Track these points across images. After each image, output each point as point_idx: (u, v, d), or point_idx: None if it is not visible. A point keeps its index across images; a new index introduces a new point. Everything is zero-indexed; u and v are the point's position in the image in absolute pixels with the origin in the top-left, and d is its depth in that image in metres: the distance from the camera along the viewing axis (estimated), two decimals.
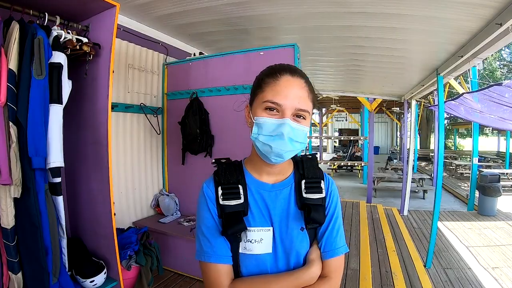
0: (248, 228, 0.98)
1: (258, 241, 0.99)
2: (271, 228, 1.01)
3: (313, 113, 1.02)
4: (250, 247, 0.99)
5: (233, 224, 0.96)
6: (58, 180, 1.96)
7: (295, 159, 1.12)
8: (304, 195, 1.03)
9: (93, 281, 2.16)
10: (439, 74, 4.29)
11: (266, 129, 0.94)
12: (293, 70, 0.97)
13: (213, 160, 1.06)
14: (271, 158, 0.95)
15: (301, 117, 0.95)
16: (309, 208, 1.00)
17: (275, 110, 0.93)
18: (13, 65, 1.69)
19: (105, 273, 2.24)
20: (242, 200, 1.00)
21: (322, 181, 1.08)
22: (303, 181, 1.06)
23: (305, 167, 1.09)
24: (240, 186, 1.02)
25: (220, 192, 1.00)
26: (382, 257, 4.75)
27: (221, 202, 0.99)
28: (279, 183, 1.06)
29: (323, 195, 1.05)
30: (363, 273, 4.04)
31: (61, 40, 1.99)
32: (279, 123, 0.92)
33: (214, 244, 1.00)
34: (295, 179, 1.08)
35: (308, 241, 1.04)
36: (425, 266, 4.50)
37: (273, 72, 0.97)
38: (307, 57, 4.75)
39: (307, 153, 1.14)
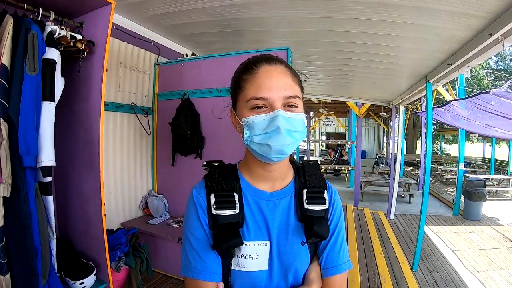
0: (243, 242, 0.87)
1: (253, 256, 0.89)
2: (268, 242, 0.91)
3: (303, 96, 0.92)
4: (244, 264, 0.88)
5: (228, 238, 0.85)
6: (49, 179, 1.92)
7: (296, 165, 1.02)
8: (306, 206, 0.93)
9: (82, 283, 2.12)
10: (428, 81, 4.36)
11: (259, 128, 0.84)
12: (269, 58, 0.88)
13: (204, 163, 0.96)
14: (272, 157, 0.85)
15: (293, 106, 0.85)
16: (311, 220, 0.90)
17: (263, 107, 0.84)
18: (5, 60, 1.65)
19: (94, 275, 2.21)
20: (237, 210, 0.89)
21: (325, 190, 0.98)
22: (305, 191, 0.95)
23: (307, 175, 0.99)
24: (235, 194, 0.91)
25: (213, 200, 0.89)
26: (369, 260, 4.80)
27: (213, 211, 0.88)
28: (278, 192, 0.96)
29: (326, 206, 0.95)
30: (351, 276, 4.07)
31: (55, 36, 1.95)
32: (271, 117, 0.82)
33: (205, 259, 0.89)
34: (296, 188, 0.97)
35: (309, 257, 0.94)
36: (411, 269, 4.56)
37: (249, 66, 0.88)
38: (297, 61, 4.75)
39: (308, 160, 1.05)
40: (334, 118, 21.17)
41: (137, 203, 3.86)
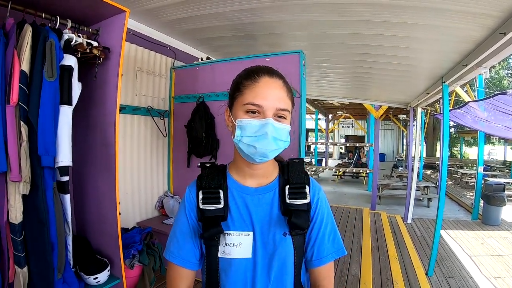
0: (227, 232, 0.99)
1: (237, 245, 1.00)
2: (251, 233, 1.01)
3: (292, 110, 1.02)
4: (229, 251, 0.99)
5: (209, 228, 0.97)
6: (66, 179, 2.01)
7: (282, 163, 1.12)
8: (288, 200, 1.02)
9: (96, 278, 2.20)
10: (444, 82, 4.31)
11: (250, 130, 0.94)
12: (271, 72, 0.99)
13: (199, 164, 1.08)
14: (256, 158, 0.96)
15: (282, 117, 0.96)
16: (291, 213, 1.00)
17: (256, 112, 0.94)
18: (25, 66, 1.75)
19: (108, 271, 2.29)
20: (221, 205, 1.00)
21: (307, 186, 1.06)
22: (287, 187, 1.04)
23: (290, 172, 1.07)
24: (221, 191, 1.02)
25: (200, 196, 1.02)
26: (383, 264, 4.75)
27: (201, 206, 1.00)
28: (263, 187, 1.06)
29: (307, 200, 1.03)
30: (363, 279, 4.06)
31: (72, 43, 2.05)
32: (262, 123, 0.92)
33: (182, 247, 1.04)
34: (280, 184, 1.07)
35: (292, 248, 1.02)
36: (426, 274, 4.49)
37: (251, 74, 0.98)
38: (314, 64, 4.79)
39: (294, 158, 1.12)
40: (353, 120, 21.00)
41: (153, 203, 3.96)
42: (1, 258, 1.80)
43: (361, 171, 12.34)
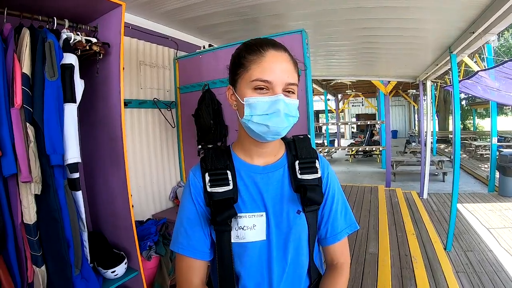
0: (239, 214, 0.94)
1: (251, 227, 0.95)
2: (264, 213, 0.97)
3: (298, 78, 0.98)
4: (243, 235, 0.95)
5: (222, 211, 0.91)
6: (76, 175, 2.03)
7: (286, 140, 1.09)
8: (299, 176, 0.99)
9: (114, 271, 2.24)
10: (452, 52, 4.21)
11: (260, 109, 0.89)
12: (275, 44, 0.94)
13: (199, 147, 1.05)
14: (268, 137, 0.92)
15: (291, 92, 0.91)
16: (305, 188, 0.95)
17: (264, 89, 0.89)
18: (26, 69, 1.75)
19: (125, 263, 2.32)
20: (231, 187, 0.95)
21: (316, 160, 1.03)
22: (297, 162, 1.01)
23: (298, 148, 1.04)
24: (229, 172, 0.98)
25: (207, 179, 0.96)
26: (401, 240, 4.75)
27: (209, 189, 0.95)
28: (271, 165, 1.02)
29: (318, 175, 1.01)
30: (382, 257, 4.06)
31: (71, 42, 2.05)
32: (273, 100, 0.88)
33: (191, 236, 0.97)
34: (288, 161, 1.04)
35: (306, 225, 0.99)
36: (445, 249, 4.47)
37: (255, 48, 0.92)
38: (319, 43, 4.73)
39: (299, 135, 1.09)
40: (362, 98, 20.79)
41: (167, 194, 3.98)
42: (18, 259, 1.83)
43: (374, 148, 12.24)
